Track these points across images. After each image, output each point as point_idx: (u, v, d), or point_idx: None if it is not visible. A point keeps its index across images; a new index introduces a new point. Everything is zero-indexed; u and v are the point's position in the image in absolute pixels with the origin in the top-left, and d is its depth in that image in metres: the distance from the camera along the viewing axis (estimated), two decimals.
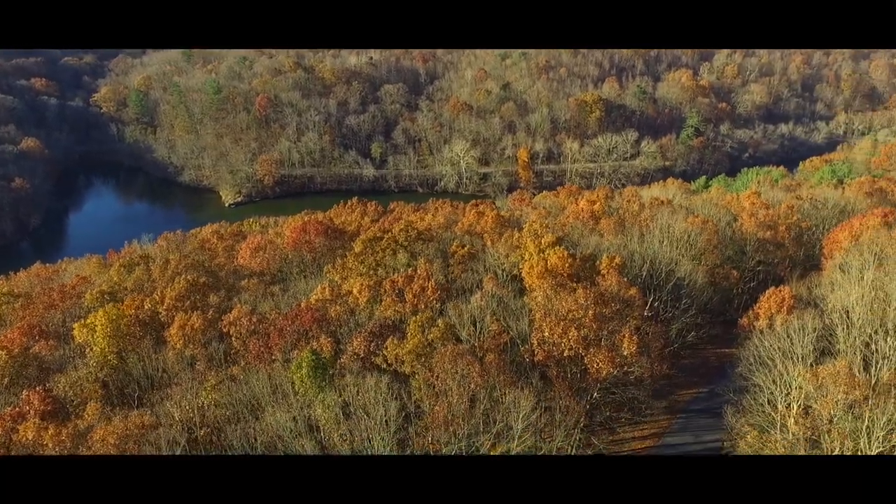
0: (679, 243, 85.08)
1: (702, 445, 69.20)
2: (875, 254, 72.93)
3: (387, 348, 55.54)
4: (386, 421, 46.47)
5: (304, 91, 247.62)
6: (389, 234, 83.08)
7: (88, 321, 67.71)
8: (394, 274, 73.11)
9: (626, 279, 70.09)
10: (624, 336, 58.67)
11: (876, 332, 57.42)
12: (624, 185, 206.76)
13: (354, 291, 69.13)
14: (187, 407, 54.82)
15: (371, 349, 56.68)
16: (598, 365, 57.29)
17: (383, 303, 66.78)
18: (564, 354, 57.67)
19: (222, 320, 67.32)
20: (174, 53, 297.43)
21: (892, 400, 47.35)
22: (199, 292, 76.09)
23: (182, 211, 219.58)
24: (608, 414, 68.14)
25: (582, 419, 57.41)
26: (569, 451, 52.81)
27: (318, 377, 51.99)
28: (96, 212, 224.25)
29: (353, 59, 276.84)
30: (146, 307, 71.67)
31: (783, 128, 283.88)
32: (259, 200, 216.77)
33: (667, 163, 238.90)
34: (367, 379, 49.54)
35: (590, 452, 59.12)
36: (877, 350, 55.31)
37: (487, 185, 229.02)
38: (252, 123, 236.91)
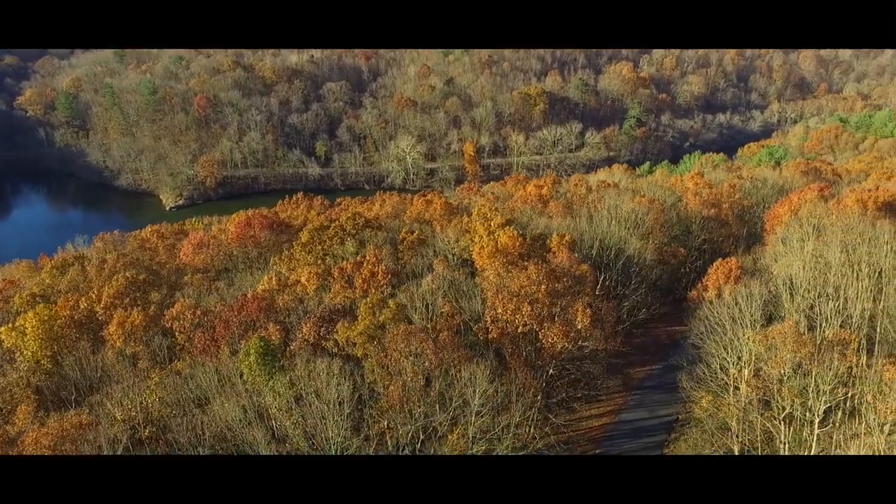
0: (627, 223, 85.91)
1: (657, 420, 70.22)
2: (814, 225, 75.23)
3: (337, 332, 53.93)
4: (339, 403, 44.90)
5: (244, 90, 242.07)
6: (336, 222, 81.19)
7: (17, 324, 63.74)
8: (342, 262, 71.35)
9: (577, 256, 70.18)
10: (577, 310, 58.51)
11: (819, 297, 59.28)
12: (570, 176, 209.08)
13: (302, 280, 67.21)
14: (129, 405, 51.93)
15: (321, 334, 54.94)
16: (552, 339, 56.97)
17: (332, 290, 65.04)
18: (519, 331, 57.14)
19: (164, 315, 64.36)
20: (105, 54, 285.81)
21: (836, 356, 48.52)
22: (140, 289, 72.55)
23: (120, 216, 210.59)
24: (565, 393, 68.13)
25: (539, 396, 57.00)
26: (527, 428, 52.23)
27: (267, 364, 50.00)
28: (26, 219, 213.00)
29: (294, 57, 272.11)
30: (82, 307, 67.94)
31: (721, 117, 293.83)
32: (201, 203, 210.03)
33: (611, 153, 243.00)
34: (317, 363, 47.81)
35: (547, 429, 58.73)
36: (820, 312, 57.14)
37: (434, 180, 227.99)
38: (191, 124, 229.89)
